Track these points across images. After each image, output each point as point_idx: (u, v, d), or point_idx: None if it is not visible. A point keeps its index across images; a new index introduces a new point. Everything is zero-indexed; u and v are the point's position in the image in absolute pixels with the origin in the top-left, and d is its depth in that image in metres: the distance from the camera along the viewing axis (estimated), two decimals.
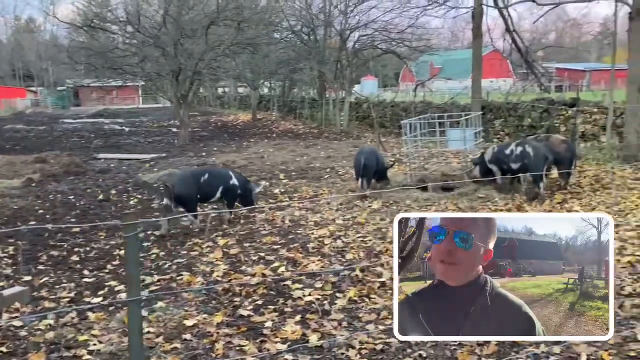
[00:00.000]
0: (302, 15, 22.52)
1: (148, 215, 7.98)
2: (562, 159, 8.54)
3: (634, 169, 9.57)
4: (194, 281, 5.15)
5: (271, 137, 19.91)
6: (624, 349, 3.54)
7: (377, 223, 7.03)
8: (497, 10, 14.92)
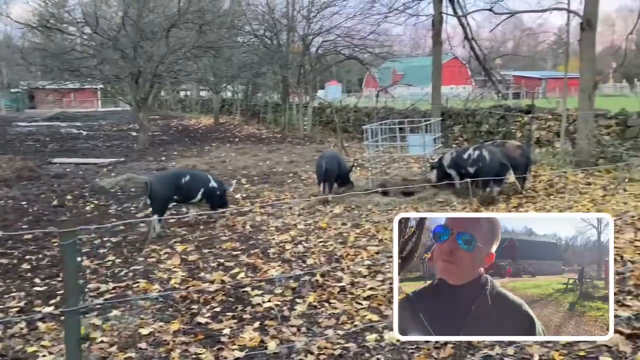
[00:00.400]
0: (265, 19, 22.47)
1: (105, 221, 7.77)
2: (517, 164, 8.77)
3: (586, 174, 9.93)
4: (151, 288, 5.04)
5: (233, 142, 19.75)
6: (574, 349, 3.64)
7: (338, 228, 7.05)
8: (456, 18, 15.23)
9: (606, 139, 11.25)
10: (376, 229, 6.84)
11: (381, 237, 6.50)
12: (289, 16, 22.63)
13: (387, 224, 7.08)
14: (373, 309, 4.38)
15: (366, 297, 4.62)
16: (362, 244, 6.26)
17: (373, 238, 6.50)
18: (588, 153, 10.78)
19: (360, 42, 21.94)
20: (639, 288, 4.52)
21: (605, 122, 11.85)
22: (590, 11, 10.71)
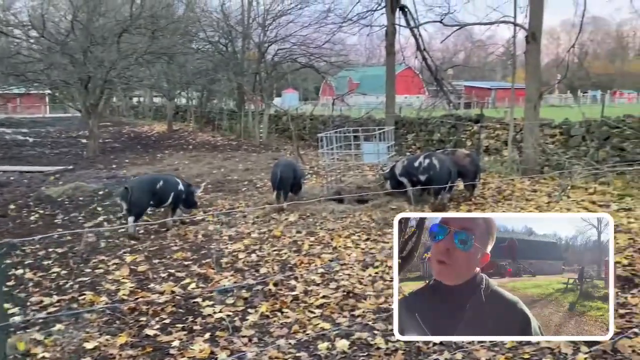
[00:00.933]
0: (219, 26, 22.28)
1: (50, 231, 7.48)
2: (466, 172, 9.02)
3: (532, 181, 10.30)
4: (98, 300, 4.88)
5: (187, 149, 19.45)
6: (519, 352, 3.76)
7: (293, 236, 7.04)
8: (408, 29, 15.56)
9: (551, 148, 11.71)
10: (330, 237, 6.87)
11: (335, 244, 6.54)
12: (244, 23, 22.54)
13: (341, 232, 7.13)
14: (325, 317, 4.39)
15: (319, 305, 4.63)
16: (317, 251, 6.27)
17: (327, 246, 6.52)
18: (534, 161, 11.19)
19: (316, 51, 22.08)
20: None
21: (550, 131, 12.35)
22: (535, 25, 11.17)
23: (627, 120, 11.14)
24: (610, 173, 9.76)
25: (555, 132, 12.28)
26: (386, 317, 4.31)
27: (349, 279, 5.26)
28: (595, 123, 11.55)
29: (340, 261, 5.87)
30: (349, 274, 5.41)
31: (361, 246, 6.50)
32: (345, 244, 6.56)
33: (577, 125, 11.92)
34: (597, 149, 11.13)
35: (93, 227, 7.89)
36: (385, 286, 5.05)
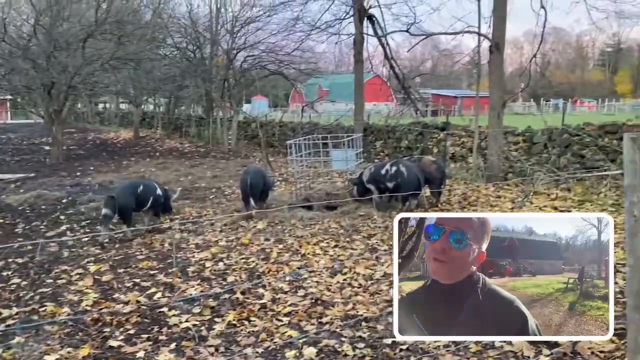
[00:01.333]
0: (187, 32, 22.11)
1: (10, 241, 7.26)
2: (433, 179, 9.17)
3: (496, 188, 10.52)
4: (60, 312, 4.76)
5: (154, 156, 19.17)
6: (483, 356, 3.83)
7: (261, 243, 7.01)
8: (376, 38, 15.75)
9: (514, 155, 12.00)
10: (299, 244, 6.87)
11: (304, 251, 6.54)
12: (213, 30, 22.43)
13: (309, 239, 7.14)
14: (293, 325, 4.38)
15: (287, 313, 4.62)
16: (285, 259, 6.26)
17: (296, 253, 6.52)
18: (498, 168, 11.44)
19: (285, 58, 22.12)
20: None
21: (514, 138, 12.67)
22: (498, 35, 11.46)
23: (586, 129, 11.52)
24: (571, 180, 10.06)
25: (518, 140, 12.60)
26: (354, 323, 4.33)
27: (317, 286, 5.27)
28: (556, 131, 11.90)
29: (309, 268, 5.87)
30: (317, 281, 5.42)
31: (330, 253, 6.52)
32: (314, 251, 6.57)
33: (540, 133, 12.26)
34: (559, 156, 11.46)
35: (55, 236, 7.70)
36: (353, 293, 5.08)
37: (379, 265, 5.91)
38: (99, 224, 7.96)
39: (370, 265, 5.90)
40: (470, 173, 11.95)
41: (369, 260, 6.09)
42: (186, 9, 22.57)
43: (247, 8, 21.03)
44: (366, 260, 6.13)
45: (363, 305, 4.73)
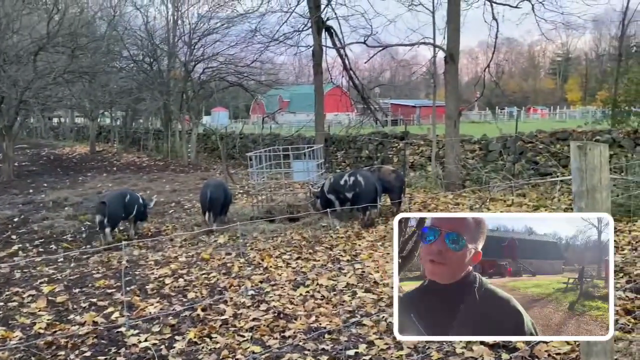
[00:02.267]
0: (144, 44, 21.77)
1: None
2: (392, 188, 9.29)
3: (455, 195, 10.73)
4: (11, 336, 4.56)
5: (111, 171, 18.71)
6: None
7: (222, 258, 6.92)
8: (335, 50, 15.89)
9: (471, 163, 12.29)
10: (261, 257, 6.82)
11: (266, 264, 6.49)
12: (170, 42, 22.16)
13: (272, 251, 7.10)
14: (256, 340, 4.33)
15: (249, 328, 4.56)
16: (247, 273, 6.20)
17: (258, 267, 6.47)
18: (456, 176, 11.68)
19: (245, 69, 22.02)
20: None
21: (470, 146, 12.98)
22: (452, 47, 11.75)
23: (539, 136, 11.91)
24: (526, 185, 10.37)
25: (474, 148, 12.92)
26: (317, 336, 4.32)
27: (279, 300, 5.23)
28: (510, 139, 12.26)
29: (271, 282, 5.83)
30: (280, 295, 5.38)
31: (292, 265, 6.49)
32: (276, 264, 6.53)
33: (495, 141, 12.60)
34: (514, 163, 11.79)
35: (6, 257, 7.40)
36: (316, 305, 5.06)
37: (341, 275, 5.92)
38: (99, 229, 8.16)
39: (333, 276, 5.91)
40: (429, 181, 12.16)
41: (332, 271, 6.10)
42: (142, 21, 22.13)
43: (205, 20, 20.87)
44: (329, 271, 6.13)
45: (326, 317, 4.73)
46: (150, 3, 23.20)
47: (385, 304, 5.02)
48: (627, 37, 30.22)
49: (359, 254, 6.90)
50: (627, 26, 18.01)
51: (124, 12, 22.76)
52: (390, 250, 7.02)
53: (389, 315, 4.63)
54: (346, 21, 15.66)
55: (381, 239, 7.66)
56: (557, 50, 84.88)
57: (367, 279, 5.77)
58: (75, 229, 9.07)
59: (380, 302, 5.08)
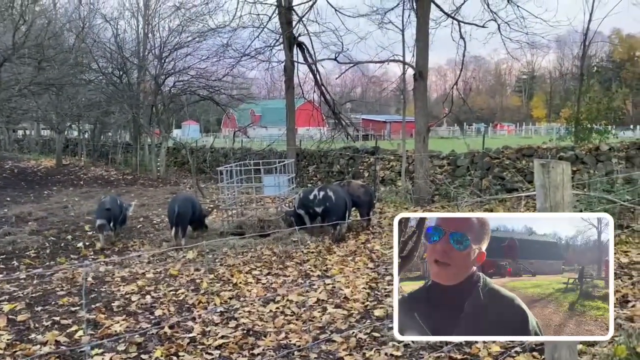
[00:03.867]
0: (113, 57, 21.49)
1: None
2: (361, 202, 9.35)
3: (424, 210, 10.85)
4: None
5: (78, 185, 18.32)
6: None
7: (191, 274, 6.83)
8: (307, 65, 16.00)
9: (439, 178, 12.47)
10: (231, 273, 6.75)
11: (236, 280, 6.42)
12: (140, 55, 21.95)
13: (242, 267, 7.03)
14: (224, 358, 4.28)
15: (217, 346, 4.50)
16: (216, 289, 6.12)
17: (227, 283, 6.40)
18: (425, 191, 11.83)
19: (216, 84, 21.94)
20: None
21: (439, 162, 13.18)
22: (421, 64, 11.96)
23: (505, 152, 12.19)
24: (493, 200, 10.56)
25: (443, 163, 13.12)
26: (286, 353, 4.29)
27: (249, 316, 5.18)
28: (478, 154, 12.51)
29: (241, 298, 5.78)
30: (249, 311, 5.33)
31: (262, 281, 6.45)
32: (246, 280, 6.48)
33: (463, 156, 12.83)
34: (481, 179, 12.02)
35: None
36: (286, 321, 5.03)
37: (312, 291, 5.90)
38: (97, 232, 8.98)
39: (303, 292, 5.88)
40: (399, 196, 12.27)
41: (302, 287, 6.08)
42: (112, 33, 21.85)
43: (176, 34, 20.75)
44: (299, 287, 6.11)
45: (296, 334, 4.70)
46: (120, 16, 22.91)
47: (355, 320, 5.03)
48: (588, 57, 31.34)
49: (329, 269, 6.90)
50: (588, 47, 18.67)
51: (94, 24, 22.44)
52: (360, 265, 7.05)
53: (359, 332, 4.64)
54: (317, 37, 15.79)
55: (351, 254, 7.68)
56: (522, 69, 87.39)
57: (337, 295, 5.77)
58: (39, 244, 8.82)
59: (350, 317, 5.09)
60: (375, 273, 6.53)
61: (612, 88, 23.90)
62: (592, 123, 16.22)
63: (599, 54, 75.17)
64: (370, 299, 5.59)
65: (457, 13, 13.76)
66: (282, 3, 14.96)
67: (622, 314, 4.57)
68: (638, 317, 4.47)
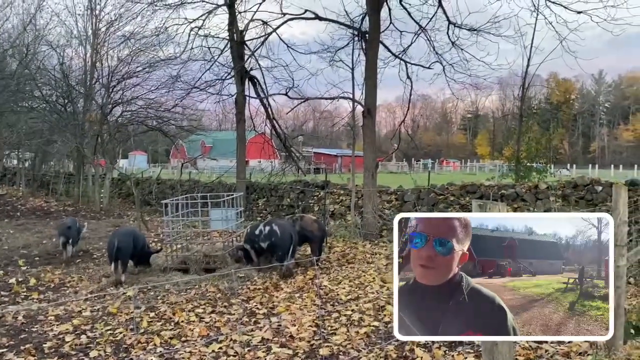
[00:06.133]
0: (58, 85, 20.87)
1: None
2: (314, 237, 9.32)
3: (372, 245, 10.93)
4: None
5: (14, 216, 17.42)
6: None
7: (130, 312, 6.54)
8: (258, 99, 16.07)
9: (387, 213, 12.63)
10: (173, 311, 6.52)
11: (178, 319, 6.20)
12: (87, 84, 21.43)
13: (184, 305, 6.81)
14: None
15: None
16: (156, 329, 5.89)
17: (169, 322, 6.17)
18: (374, 225, 11.95)
19: (165, 114, 21.63)
20: None
21: (387, 197, 13.38)
22: (370, 102, 12.25)
23: (450, 189, 12.52)
24: None
25: (391, 198, 13.33)
26: None
27: (190, 357, 4.99)
28: (424, 190, 12.79)
29: (182, 338, 5.57)
30: (191, 352, 5.14)
31: (205, 319, 6.25)
32: (189, 318, 6.26)
33: (409, 192, 13.09)
34: None
35: None
36: None
37: (257, 330, 5.76)
38: (62, 248, 10.32)
39: (247, 330, 5.74)
40: (348, 230, 12.32)
41: (247, 326, 5.93)
42: (57, 61, 21.25)
43: (125, 64, 20.43)
44: (244, 325, 5.96)
45: None
46: (67, 43, 22.31)
47: (300, 359, 4.93)
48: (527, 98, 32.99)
49: (276, 307, 6.78)
50: (527, 89, 19.68)
51: (38, 50, 21.80)
52: (308, 301, 6.96)
53: None
54: (269, 72, 15.89)
55: (299, 290, 7.59)
56: (467, 108, 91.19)
57: (283, 333, 5.66)
58: None
59: (295, 357, 4.98)
60: (322, 310, 6.47)
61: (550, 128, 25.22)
62: (531, 162, 16.96)
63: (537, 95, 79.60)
64: (316, 337, 5.51)
65: (404, 54, 14.27)
66: (234, 38, 15.06)
67: None
68: None
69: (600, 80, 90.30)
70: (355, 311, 6.37)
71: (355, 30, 13.57)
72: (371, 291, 7.31)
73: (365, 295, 7.16)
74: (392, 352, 4.91)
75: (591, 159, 73.54)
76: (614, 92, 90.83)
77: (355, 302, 6.76)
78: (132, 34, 19.23)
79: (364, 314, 6.24)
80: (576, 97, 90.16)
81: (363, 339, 5.41)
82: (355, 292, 7.37)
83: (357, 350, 5.06)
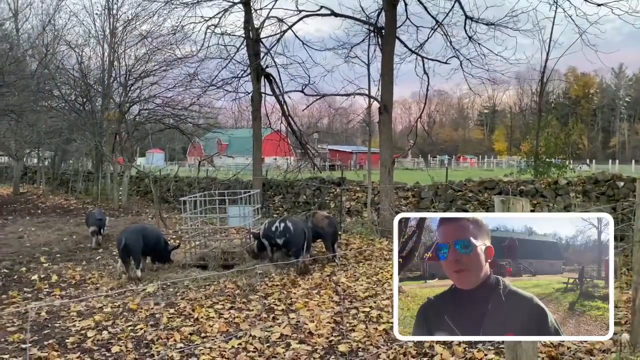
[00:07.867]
0: (77, 84, 21.14)
1: None
2: (325, 233, 9.33)
3: (390, 242, 10.90)
4: None
5: (35, 214, 17.71)
6: None
7: (151, 308, 6.61)
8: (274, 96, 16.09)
9: (404, 209, 12.58)
10: (192, 307, 6.57)
11: (197, 315, 6.25)
12: (105, 83, 21.67)
13: (203, 301, 6.86)
14: None
15: None
16: (176, 324, 5.94)
17: (188, 318, 6.22)
18: (390, 222, 11.89)
19: (182, 112, 21.78)
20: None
21: (404, 193, 13.32)
22: (386, 98, 12.20)
23: (468, 185, 12.43)
24: None
25: (408, 195, 13.27)
26: None
27: (210, 353, 5.03)
28: (441, 187, 12.71)
29: (202, 333, 5.61)
30: (211, 347, 5.18)
31: (224, 316, 6.30)
32: (208, 314, 6.31)
33: (427, 188, 13.02)
34: (445, 211, 12.19)
35: None
36: (249, 358, 4.91)
37: (275, 326, 5.79)
38: (91, 236, 11.49)
39: (267, 326, 5.77)
40: (365, 227, 12.30)
41: (266, 322, 5.96)
42: (76, 60, 21.51)
43: (142, 62, 20.60)
44: (262, 321, 5.99)
45: None
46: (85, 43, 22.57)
47: (319, 356, 4.94)
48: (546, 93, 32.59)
49: (294, 303, 6.80)
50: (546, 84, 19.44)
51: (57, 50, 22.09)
52: (325, 298, 6.98)
53: None
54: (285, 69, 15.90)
55: (317, 287, 7.60)
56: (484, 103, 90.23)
57: (301, 329, 5.67)
58: None
59: (314, 353, 5.00)
60: (340, 306, 6.47)
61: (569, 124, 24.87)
62: (550, 157, 16.75)
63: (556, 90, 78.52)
64: (335, 333, 5.51)
65: (420, 49, 14.18)
66: (250, 35, 15.09)
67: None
68: None
69: (620, 74, 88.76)
70: (373, 308, 6.36)
71: (371, 26, 13.51)
72: (389, 288, 7.29)
73: (383, 292, 7.15)
74: (411, 348, 4.90)
75: (611, 154, 72.36)
76: (634, 86, 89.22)
77: (373, 299, 6.75)
78: (148, 33, 19.41)
79: (382, 311, 6.23)
80: (595, 91, 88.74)
81: (382, 336, 5.40)
82: (373, 289, 7.36)
83: (376, 347, 5.05)
